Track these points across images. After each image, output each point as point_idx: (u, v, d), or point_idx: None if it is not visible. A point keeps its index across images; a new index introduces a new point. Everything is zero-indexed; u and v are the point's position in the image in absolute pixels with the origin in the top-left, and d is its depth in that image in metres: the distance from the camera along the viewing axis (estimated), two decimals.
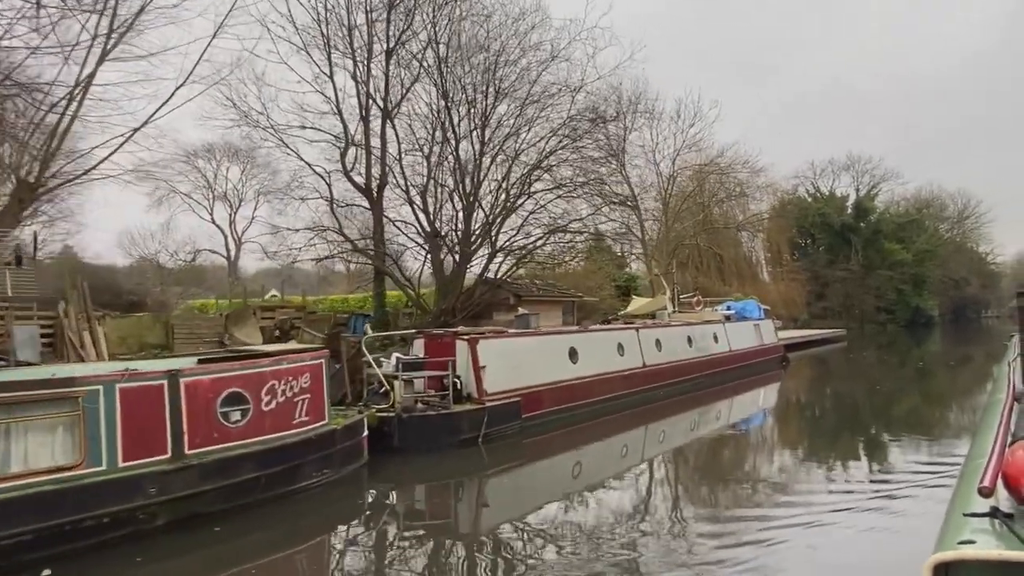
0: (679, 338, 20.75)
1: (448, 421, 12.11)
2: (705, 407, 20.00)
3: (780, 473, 12.28)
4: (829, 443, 15.56)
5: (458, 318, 18.79)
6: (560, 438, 14.64)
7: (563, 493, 10.98)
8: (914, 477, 10.48)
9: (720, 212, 49.51)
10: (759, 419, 19.47)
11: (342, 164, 20.83)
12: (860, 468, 12.52)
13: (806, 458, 13.81)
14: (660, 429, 17.30)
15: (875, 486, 10.35)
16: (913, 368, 30.72)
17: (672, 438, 16.24)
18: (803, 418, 20.10)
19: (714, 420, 18.91)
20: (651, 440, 16.20)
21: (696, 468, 13.59)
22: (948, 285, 71.18)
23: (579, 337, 16.17)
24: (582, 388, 15.60)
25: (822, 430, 17.71)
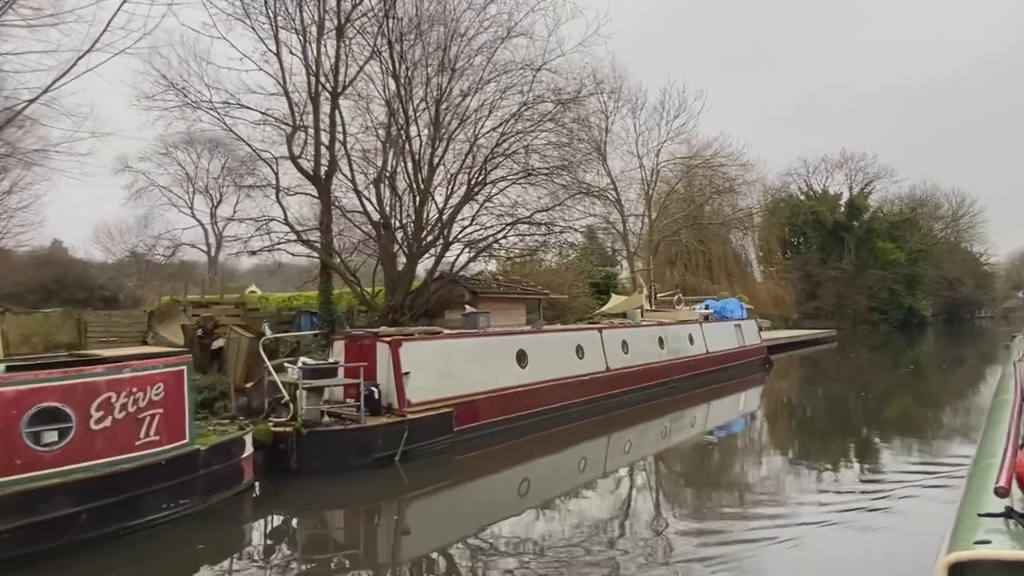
0: (649, 339, 18.89)
1: (358, 437, 10.26)
2: (678, 413, 18.20)
3: (763, 482, 11.06)
4: (814, 449, 13.96)
5: (407, 316, 16.93)
6: (503, 452, 12.79)
7: (504, 514, 9.32)
8: (906, 479, 9.88)
9: (710, 209, 47.66)
10: (737, 425, 17.69)
11: (288, 149, 18.93)
12: (847, 474, 11.47)
13: (790, 464, 12.64)
14: (626, 439, 15.49)
15: (862, 494, 9.43)
16: (903, 371, 28.84)
17: (639, 448, 14.45)
18: (785, 423, 18.32)
19: (688, 427, 17.13)
20: (615, 451, 14.40)
21: (667, 480, 12.10)
22: (942, 285, 69.29)
23: (530, 339, 14.31)
24: (532, 395, 13.75)
25: (806, 436, 16.05)
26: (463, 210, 18.42)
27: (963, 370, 29.91)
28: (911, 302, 62.78)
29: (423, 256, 18.43)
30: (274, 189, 19.48)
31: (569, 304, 23.85)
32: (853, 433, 15.71)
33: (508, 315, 19.23)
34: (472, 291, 17.82)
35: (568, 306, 24.21)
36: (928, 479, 9.81)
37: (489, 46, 17.43)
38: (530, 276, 24.22)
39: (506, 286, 19.71)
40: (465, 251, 18.75)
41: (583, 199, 21.69)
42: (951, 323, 73.13)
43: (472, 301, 17.73)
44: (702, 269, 49.01)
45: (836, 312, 60.46)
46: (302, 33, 18.64)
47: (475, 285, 18.40)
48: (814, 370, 31.50)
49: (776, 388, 24.61)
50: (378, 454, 10.38)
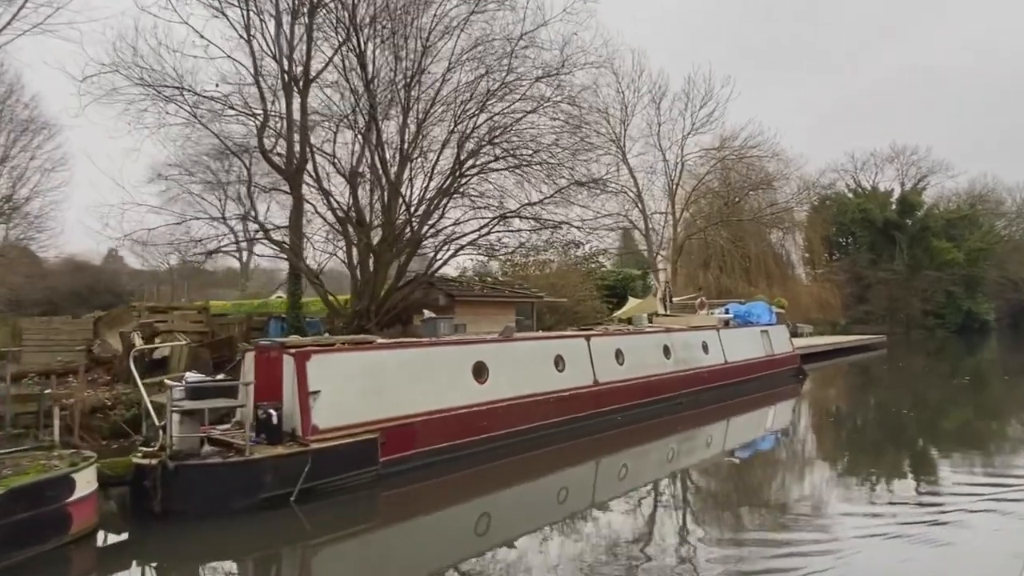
0: (652, 348, 16.29)
1: (240, 472, 8.17)
2: (689, 433, 15.54)
3: (799, 504, 9.45)
4: (851, 473, 11.73)
5: (373, 323, 14.87)
6: (452, 485, 10.50)
7: (453, 558, 7.59)
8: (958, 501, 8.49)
9: (748, 207, 44.23)
10: (764, 444, 15.01)
11: (259, 142, 17.21)
12: (893, 499, 9.67)
13: (827, 486, 10.81)
14: (620, 463, 13.04)
15: (920, 514, 8.33)
16: (958, 382, 25.12)
17: (638, 473, 12.07)
18: (820, 442, 15.47)
19: (701, 448, 14.49)
20: (606, 478, 12.00)
21: (676, 509, 9.90)
22: (1006, 287, 63.17)
23: (492, 349, 11.99)
24: (491, 416, 11.43)
25: (842, 457, 13.47)
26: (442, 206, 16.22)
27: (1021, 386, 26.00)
28: (971, 305, 57.31)
29: (398, 256, 16.31)
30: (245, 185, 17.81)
31: (573, 308, 21.37)
32: (893, 457, 13.09)
33: (494, 321, 16.95)
34: (448, 294, 15.61)
35: (573, 311, 21.75)
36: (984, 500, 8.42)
37: (462, 18, 15.22)
38: (532, 279, 21.89)
39: (492, 288, 17.41)
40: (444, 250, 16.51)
41: (598, 195, 19.24)
42: (1018, 328, 66.69)
43: (448, 305, 15.54)
44: (739, 271, 45.59)
45: (888, 316, 55.73)
46: (274, 17, 16.94)
47: (453, 287, 16.17)
48: (857, 380, 28.01)
49: (810, 402, 21.50)
50: (268, 493, 8.27)
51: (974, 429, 16.29)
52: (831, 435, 16.49)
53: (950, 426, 16.92)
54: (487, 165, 15.57)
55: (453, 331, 12.86)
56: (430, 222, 15.54)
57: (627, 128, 33.41)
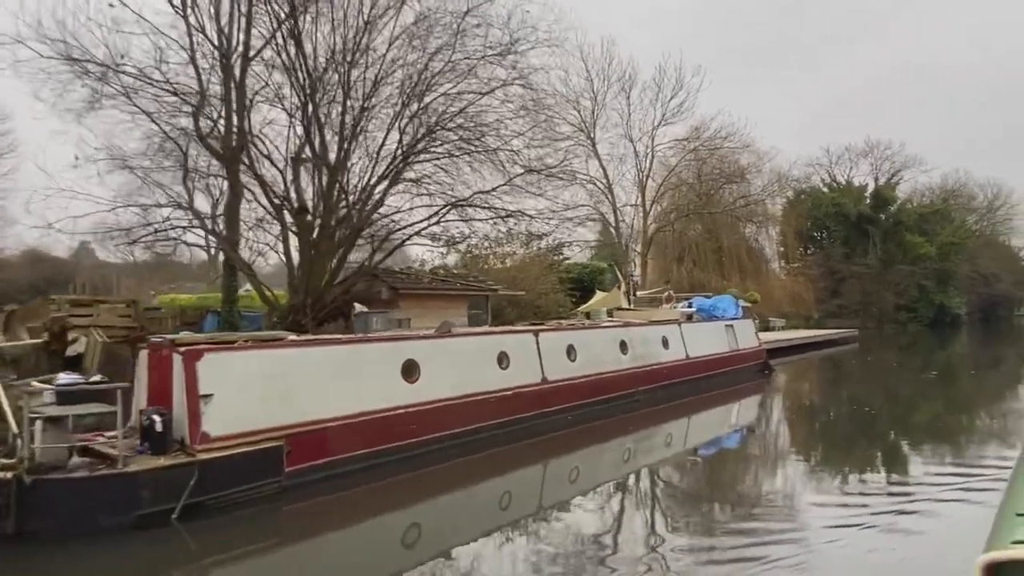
0: (608, 343, 15.41)
1: (111, 487, 7.13)
2: (648, 431, 14.71)
3: (768, 503, 8.87)
4: (822, 474, 11.03)
5: (309, 318, 13.81)
6: (373, 495, 9.49)
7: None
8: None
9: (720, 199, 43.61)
10: (729, 441, 14.26)
11: (194, 124, 16.01)
12: (859, 495, 9.19)
13: (794, 483, 10.29)
14: (571, 465, 12.15)
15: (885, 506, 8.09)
16: (926, 377, 24.59)
17: (591, 474, 11.21)
18: (785, 439, 14.76)
19: (661, 447, 13.69)
20: (555, 480, 11.12)
21: (637, 509, 9.30)
22: (977, 281, 63.38)
23: (425, 346, 11.00)
24: (421, 419, 10.46)
25: (805, 455, 12.73)
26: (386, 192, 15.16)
27: (997, 375, 25.61)
28: (942, 299, 57.31)
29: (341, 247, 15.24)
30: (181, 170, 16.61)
31: (535, 302, 20.43)
32: (860, 451, 12.56)
33: (445, 315, 15.96)
34: (392, 287, 14.58)
35: (535, 304, 20.82)
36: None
37: None
38: (492, 272, 20.92)
39: (442, 281, 16.39)
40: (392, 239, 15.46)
41: (567, 185, 18.30)
42: (987, 322, 67.12)
43: (392, 299, 14.54)
44: (712, 265, 45.03)
45: (861, 310, 55.52)
46: None
47: (398, 280, 15.14)
48: (825, 375, 27.43)
49: (776, 398, 20.79)
50: (145, 510, 7.24)
51: (941, 423, 15.74)
52: (797, 430, 15.83)
53: (916, 420, 16.31)
54: (431, 148, 14.52)
55: (389, 326, 11.86)
56: (370, 208, 14.46)
57: (597, 118, 32.51)
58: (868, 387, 22.27)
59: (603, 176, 32.41)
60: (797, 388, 23.56)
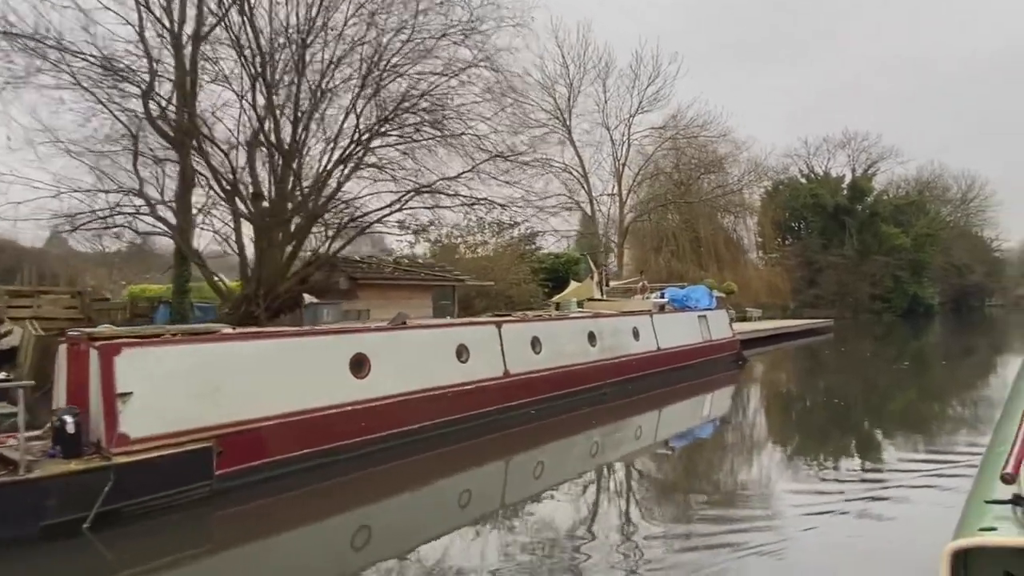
0: (575, 335, 14.90)
1: (12, 495, 6.46)
2: (617, 424, 14.26)
3: (743, 496, 8.63)
4: (796, 463, 10.88)
5: (261, 308, 13.11)
6: (318, 496, 8.90)
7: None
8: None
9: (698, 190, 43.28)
10: (702, 433, 13.91)
11: (144, 106, 15.14)
12: (833, 483, 9.08)
13: (769, 476, 10.03)
14: (535, 460, 11.66)
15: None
16: (897, 367, 24.46)
17: (558, 469, 10.73)
18: (758, 430, 14.46)
19: (630, 440, 13.27)
20: (519, 477, 10.65)
21: (609, 505, 8.90)
22: (950, 272, 63.98)
23: (376, 339, 10.38)
24: (373, 415, 9.86)
25: (783, 446, 12.44)
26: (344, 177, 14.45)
27: (967, 365, 25.60)
28: (916, 290, 57.75)
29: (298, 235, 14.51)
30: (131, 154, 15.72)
31: (506, 292, 19.86)
32: (833, 440, 12.38)
33: (408, 306, 15.33)
34: (351, 277, 13.92)
35: (506, 295, 20.25)
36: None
37: None
38: (462, 261, 20.29)
39: (405, 271, 15.74)
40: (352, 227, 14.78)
41: (542, 174, 17.65)
42: (959, 312, 67.87)
43: (351, 289, 13.87)
44: (690, 255, 44.79)
45: (837, 300, 55.72)
46: None
47: (358, 269, 14.47)
48: (798, 366, 27.25)
49: (749, 388, 20.50)
50: (52, 519, 6.59)
51: (913, 412, 15.60)
52: (769, 421, 15.59)
53: (888, 410, 16.11)
54: (392, 132, 13.84)
55: (342, 318, 11.22)
56: (327, 194, 13.75)
57: (573, 105, 31.88)
58: (841, 377, 22.10)
59: (579, 164, 31.82)
60: (771, 379, 23.32)
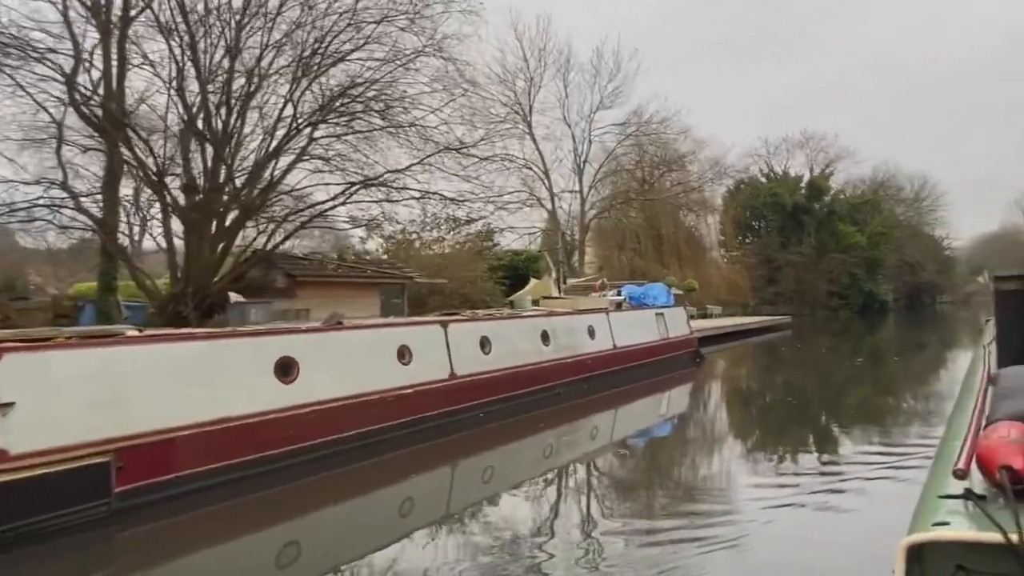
0: (527, 334, 14.36)
1: None
2: (572, 425, 13.76)
3: (704, 498, 8.30)
4: (755, 458, 10.83)
5: (190, 308, 12.23)
6: (238, 513, 8.18)
7: None
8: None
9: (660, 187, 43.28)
10: (660, 431, 13.51)
11: (68, 92, 14.06)
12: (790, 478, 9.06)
13: (729, 471, 9.94)
14: (484, 465, 11.09)
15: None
16: (852, 364, 24.60)
17: (509, 474, 10.18)
18: (716, 427, 14.16)
19: (586, 440, 12.76)
20: (465, 483, 10.06)
21: (566, 507, 8.37)
22: (903, 270, 65.63)
23: (307, 340, 9.66)
24: (301, 423, 9.15)
25: (740, 442, 12.35)
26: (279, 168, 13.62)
27: (920, 360, 25.90)
28: (872, 287, 59.04)
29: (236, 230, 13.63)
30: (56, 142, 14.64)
31: (460, 290, 19.22)
32: (790, 435, 12.25)
33: (353, 305, 14.59)
34: (289, 274, 13.11)
35: (461, 293, 19.61)
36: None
37: None
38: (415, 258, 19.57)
39: (351, 268, 14.97)
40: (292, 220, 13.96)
41: (505, 169, 17.00)
42: (912, 308, 69.64)
43: (289, 287, 13.06)
44: (652, 252, 44.80)
45: (796, 297, 56.60)
46: None
47: (297, 267, 13.66)
48: (755, 363, 27.25)
49: (707, 386, 20.28)
50: None
51: (868, 407, 15.51)
52: (727, 417, 15.41)
53: (843, 405, 15.98)
54: (331, 121, 13.06)
55: (273, 318, 10.45)
56: (265, 187, 12.92)
57: (533, 100, 31.35)
58: (798, 373, 22.10)
59: (540, 160, 31.30)
60: (728, 375, 23.19)
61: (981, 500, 2.05)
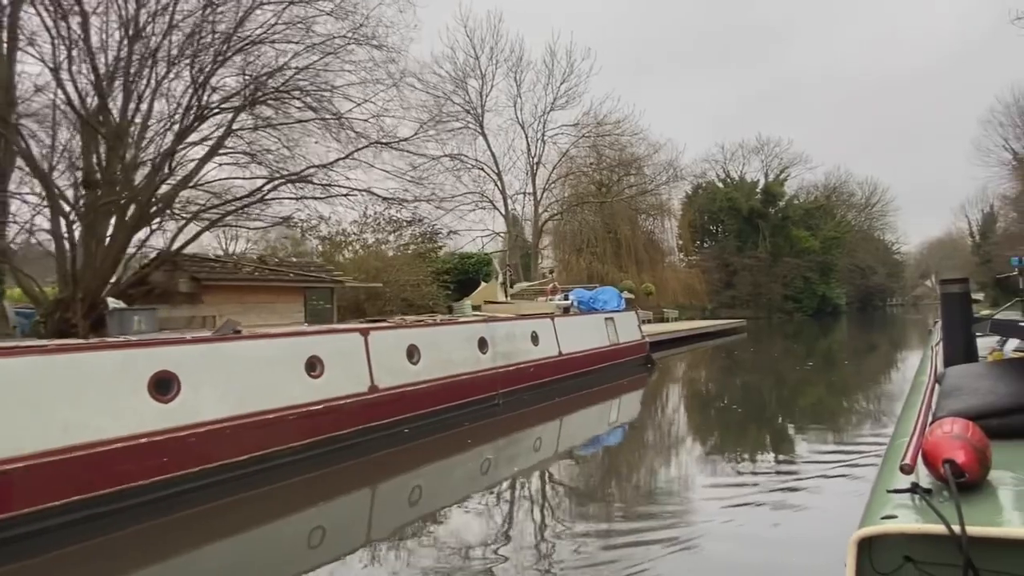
0: (460, 342, 13.29)
1: None
2: (510, 438, 12.75)
3: (660, 500, 8.08)
4: (710, 460, 10.46)
5: (79, 315, 10.79)
6: (97, 554, 6.90)
7: None
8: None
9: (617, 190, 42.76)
10: (606, 440, 12.53)
11: None
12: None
13: (684, 474, 9.67)
14: (410, 485, 9.90)
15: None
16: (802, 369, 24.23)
17: (438, 494, 8.99)
18: (668, 432, 13.42)
19: (527, 453, 11.75)
20: (389, 505, 8.99)
21: (501, 521, 7.60)
22: (855, 274, 66.80)
23: (190, 353, 8.39)
24: (180, 448, 7.89)
25: (693, 446, 11.81)
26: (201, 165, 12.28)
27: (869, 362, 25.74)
28: (825, 290, 59.78)
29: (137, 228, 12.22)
30: None
31: (400, 295, 18.03)
32: (743, 439, 11.80)
33: (272, 312, 13.32)
34: (194, 277, 11.77)
35: (401, 298, 18.43)
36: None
37: None
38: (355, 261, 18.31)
39: (271, 271, 13.67)
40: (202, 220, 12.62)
41: (455, 168, 15.83)
42: (864, 311, 71.01)
43: (194, 292, 11.72)
44: (610, 256, 44.25)
45: (752, 301, 56.92)
46: None
47: (204, 269, 12.33)
48: (710, 367, 26.71)
49: (657, 391, 19.50)
50: None
51: (821, 409, 15.21)
52: (678, 422, 14.68)
53: (798, 407, 15.67)
54: (223, 109, 11.80)
55: (160, 326, 9.14)
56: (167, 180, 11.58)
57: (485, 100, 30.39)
58: (752, 376, 21.59)
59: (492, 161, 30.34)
60: (680, 380, 22.52)
61: (927, 493, 2.09)
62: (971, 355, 4.36)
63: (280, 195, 13.25)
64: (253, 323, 12.33)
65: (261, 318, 12.94)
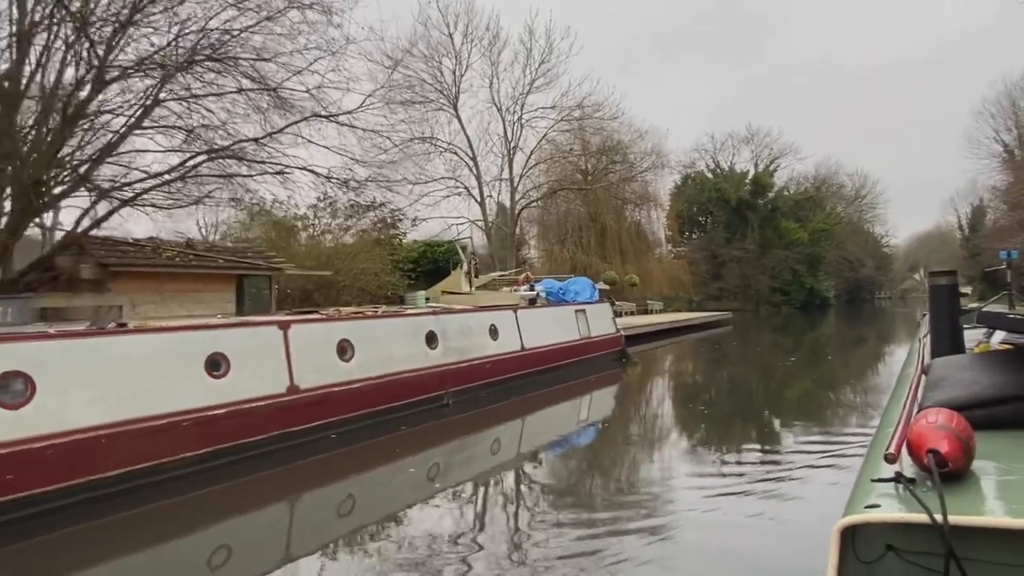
0: (404, 336, 11.98)
1: None
2: (460, 442, 11.47)
3: (642, 492, 7.68)
4: (692, 454, 10.07)
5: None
6: None
7: None
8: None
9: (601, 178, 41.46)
10: (575, 440, 11.38)
11: None
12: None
13: (664, 469, 9.14)
14: (341, 494, 8.73)
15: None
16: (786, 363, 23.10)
17: (375, 505, 7.85)
18: (643, 429, 12.38)
19: (484, 456, 10.65)
20: (314, 519, 7.82)
21: (458, 527, 6.79)
22: (843, 266, 65.91)
23: (46, 351, 7.04)
24: (31, 462, 6.58)
25: (669, 443, 11.04)
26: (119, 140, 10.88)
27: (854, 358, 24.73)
28: (813, 283, 58.86)
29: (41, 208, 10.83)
30: None
31: (355, 284, 16.68)
32: (723, 434, 11.31)
33: (197, 301, 11.97)
34: (101, 263, 10.41)
35: (356, 287, 17.09)
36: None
37: None
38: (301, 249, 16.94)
39: (197, 256, 12.28)
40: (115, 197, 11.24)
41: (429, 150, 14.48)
42: (852, 304, 70.20)
43: (99, 279, 10.34)
44: (595, 247, 43.03)
45: (740, 293, 55.95)
46: None
47: (113, 254, 10.95)
48: (690, 361, 25.54)
49: (630, 388, 18.31)
50: None
51: (808, 401, 14.75)
52: (654, 421, 13.68)
53: (782, 401, 15.03)
54: (139, 69, 10.39)
55: (29, 319, 7.80)
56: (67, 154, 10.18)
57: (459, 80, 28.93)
58: (736, 370, 20.51)
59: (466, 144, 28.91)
60: (658, 375, 21.32)
61: (910, 483, 2.11)
62: (958, 347, 4.31)
63: (205, 173, 11.85)
64: (173, 313, 11.01)
65: (184, 308, 11.60)
